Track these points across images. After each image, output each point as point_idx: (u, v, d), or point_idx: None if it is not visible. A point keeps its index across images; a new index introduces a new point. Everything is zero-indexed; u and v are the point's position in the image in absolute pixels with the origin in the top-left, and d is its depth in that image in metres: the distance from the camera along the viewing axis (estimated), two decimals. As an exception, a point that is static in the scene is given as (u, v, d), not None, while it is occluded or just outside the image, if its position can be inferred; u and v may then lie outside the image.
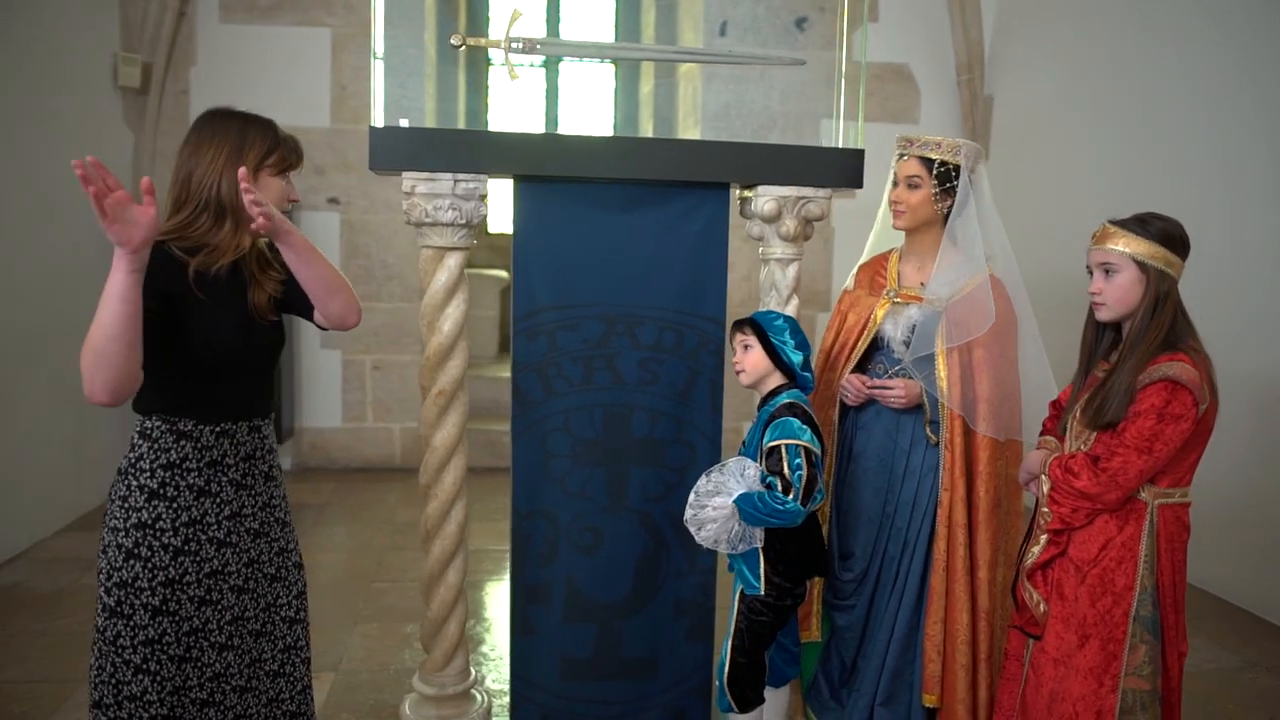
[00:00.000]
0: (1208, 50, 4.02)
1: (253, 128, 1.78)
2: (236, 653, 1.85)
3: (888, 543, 2.38)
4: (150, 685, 1.73)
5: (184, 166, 1.76)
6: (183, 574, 1.74)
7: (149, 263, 1.59)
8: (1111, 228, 1.92)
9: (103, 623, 1.73)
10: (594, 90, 8.14)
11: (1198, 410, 1.81)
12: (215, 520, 1.79)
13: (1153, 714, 1.88)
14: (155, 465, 1.73)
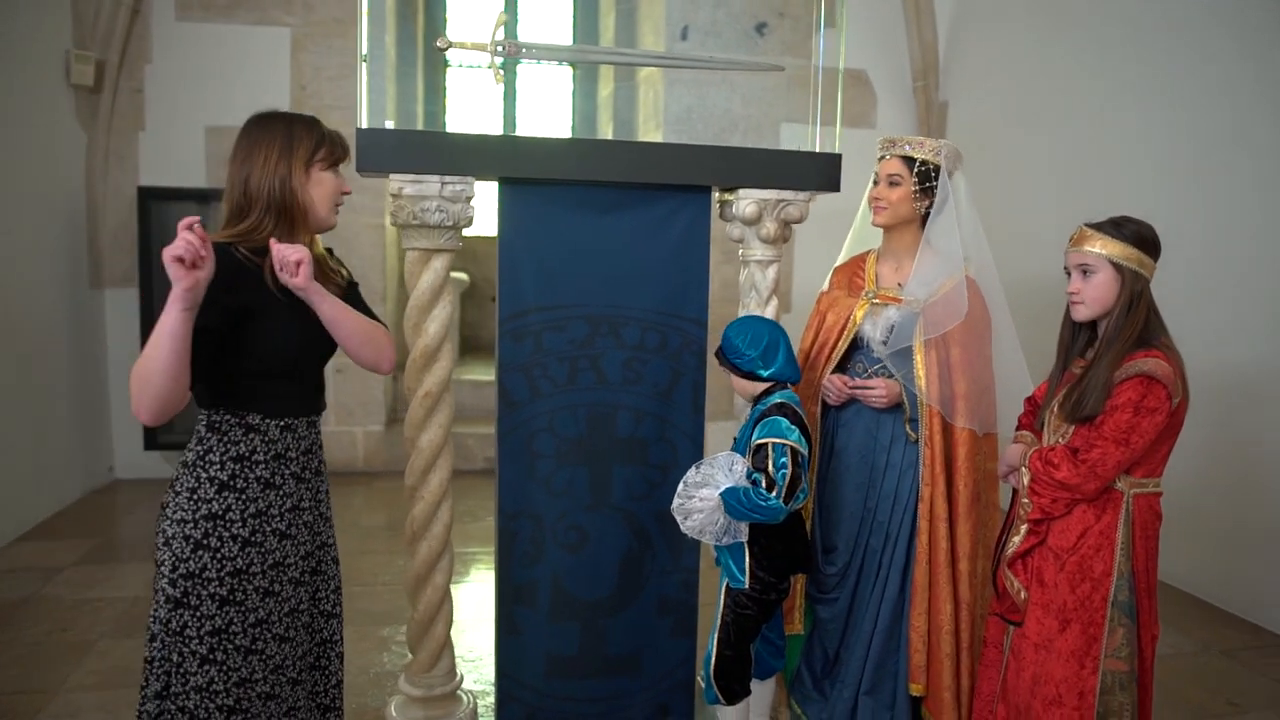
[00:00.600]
0: (1159, 54, 4.19)
1: (298, 125, 1.82)
2: (292, 645, 1.88)
3: (869, 537, 2.44)
4: (217, 675, 1.76)
5: (239, 173, 1.78)
6: (249, 564, 1.78)
7: (219, 273, 1.63)
8: (1088, 231, 2.01)
9: (166, 615, 1.75)
10: (551, 93, 8.15)
11: (1171, 404, 1.90)
12: (278, 512, 1.83)
13: (1130, 693, 1.97)
14: (225, 458, 1.77)
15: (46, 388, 4.66)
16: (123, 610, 3.54)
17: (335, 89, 5.44)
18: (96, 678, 3.00)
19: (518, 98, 8.03)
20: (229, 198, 1.79)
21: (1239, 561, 3.77)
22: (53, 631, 3.35)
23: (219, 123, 5.31)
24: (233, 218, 1.78)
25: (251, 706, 1.80)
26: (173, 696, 1.76)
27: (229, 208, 1.79)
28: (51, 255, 4.77)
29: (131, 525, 4.63)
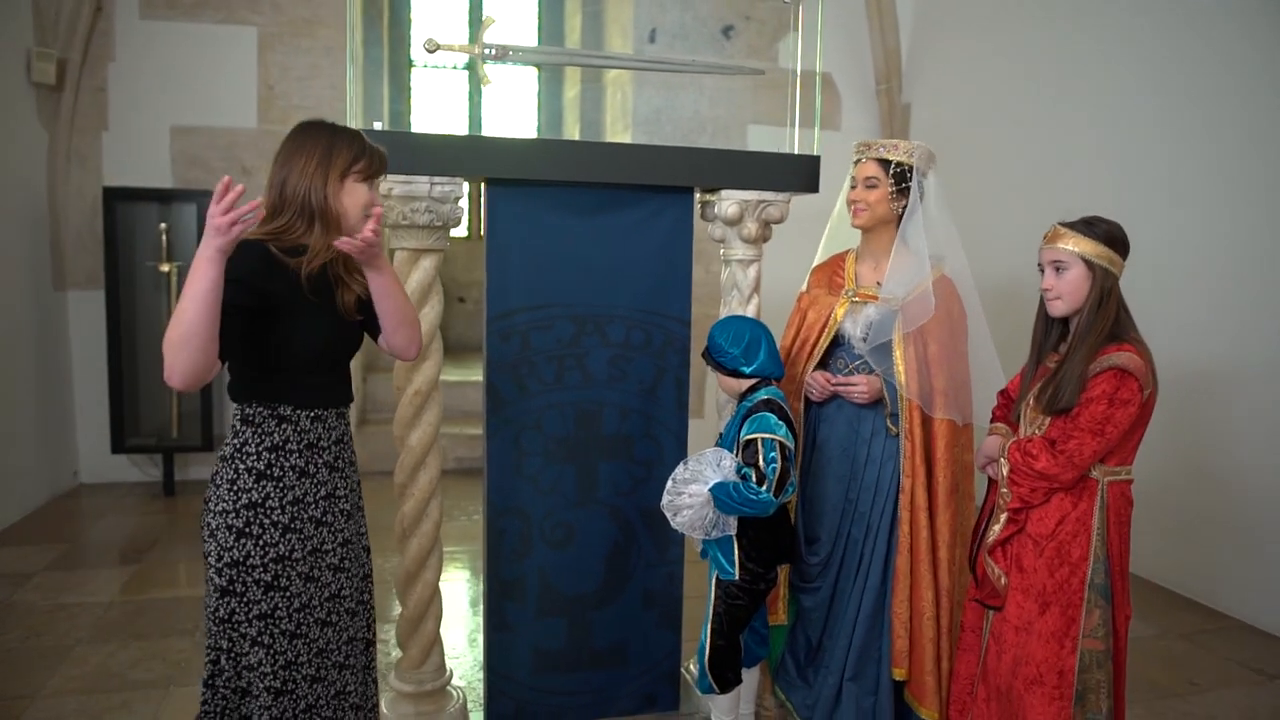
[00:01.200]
0: (1117, 56, 4.34)
1: (340, 138, 1.87)
2: (335, 629, 1.93)
3: (851, 527, 2.51)
4: (265, 657, 1.82)
5: (278, 175, 1.84)
6: (290, 550, 1.83)
7: (251, 260, 1.72)
8: (1062, 229, 2.10)
9: (215, 603, 1.81)
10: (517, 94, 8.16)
11: (1143, 395, 2.00)
12: (314, 500, 1.88)
13: (1106, 671, 2.06)
14: (261, 448, 1.82)
15: (9, 392, 4.57)
16: (98, 616, 3.50)
17: (303, 89, 5.41)
18: (77, 683, 2.97)
19: (484, 99, 8.03)
20: (267, 197, 1.84)
21: (1196, 549, 3.93)
22: (27, 637, 3.30)
23: (184, 123, 5.26)
24: (270, 216, 1.84)
25: (298, 689, 1.86)
26: (225, 680, 1.84)
27: (267, 206, 1.84)
28: (13, 257, 4.68)
29: (100, 530, 4.57)
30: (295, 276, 1.79)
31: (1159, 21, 4.10)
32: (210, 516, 1.83)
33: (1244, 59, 3.71)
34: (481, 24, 2.58)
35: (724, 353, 2.38)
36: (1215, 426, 3.83)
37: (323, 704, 1.91)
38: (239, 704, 1.87)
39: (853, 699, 2.49)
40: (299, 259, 1.80)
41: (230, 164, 5.32)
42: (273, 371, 1.82)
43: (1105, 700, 2.06)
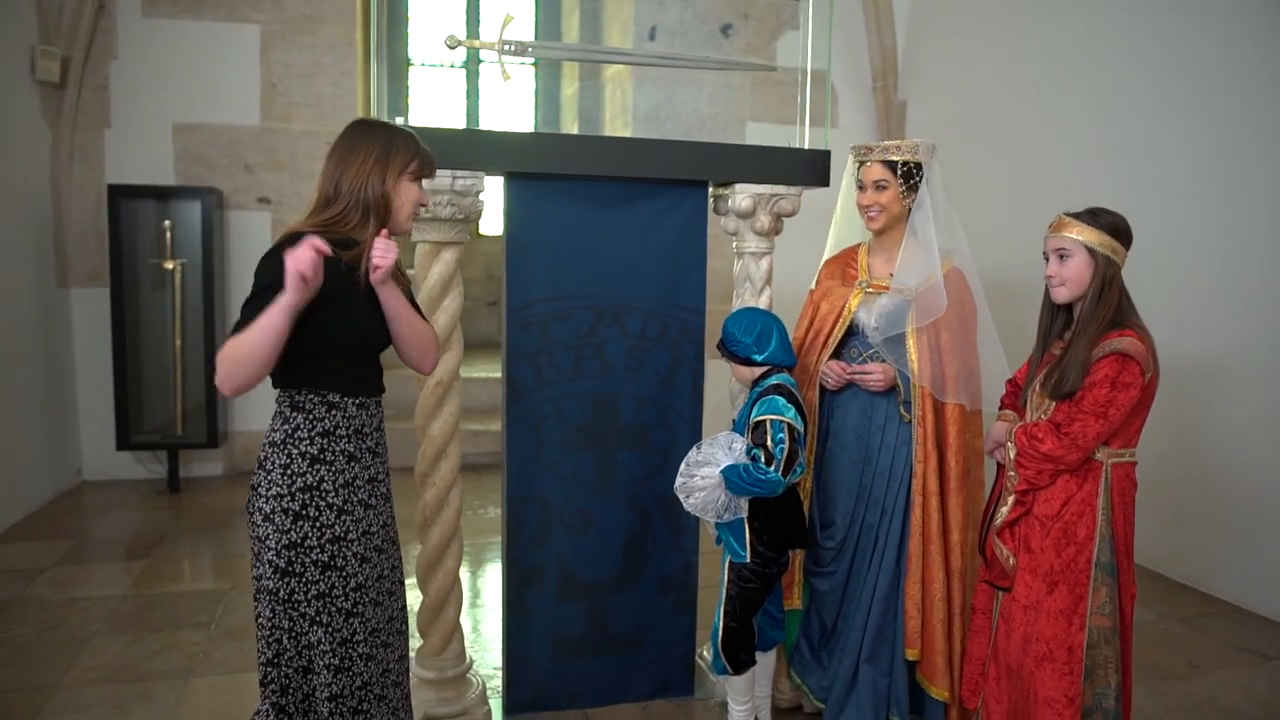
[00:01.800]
0: (1110, 54, 4.42)
1: (398, 137, 1.93)
2: (382, 609, 1.99)
3: (866, 511, 2.57)
4: (324, 635, 1.87)
5: (335, 170, 1.89)
6: (345, 531, 1.89)
7: None
8: (1067, 219, 2.16)
9: (274, 585, 1.86)
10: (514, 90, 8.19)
11: (1144, 379, 2.06)
12: (361, 483, 1.94)
13: (1114, 646, 2.13)
14: (313, 433, 1.87)
15: (15, 389, 4.59)
16: (112, 609, 3.53)
17: (305, 86, 5.43)
18: (96, 673, 3.00)
19: (480, 95, 8.06)
20: (321, 189, 1.90)
21: (1193, 537, 4.01)
22: (44, 630, 3.33)
23: (187, 120, 5.28)
24: (320, 208, 1.89)
25: (354, 666, 1.91)
26: (286, 661, 1.89)
27: (319, 198, 1.90)
28: (17, 254, 4.69)
29: (106, 526, 4.58)
30: (344, 268, 1.84)
31: (1154, 18, 4.18)
32: (262, 501, 1.86)
33: (1241, 55, 3.79)
34: (502, 21, 2.62)
35: (737, 342, 2.43)
36: (1213, 418, 3.91)
37: (374, 681, 1.96)
38: (301, 682, 1.91)
39: (869, 680, 2.55)
40: (348, 251, 1.85)
41: (233, 161, 5.35)
42: (322, 359, 1.87)
43: (1114, 675, 2.13)
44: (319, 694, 1.90)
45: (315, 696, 1.92)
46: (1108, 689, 2.13)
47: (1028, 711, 2.17)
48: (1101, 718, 2.13)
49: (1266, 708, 2.96)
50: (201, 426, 5.14)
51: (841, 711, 2.59)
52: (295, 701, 1.92)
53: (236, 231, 5.40)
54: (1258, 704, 2.98)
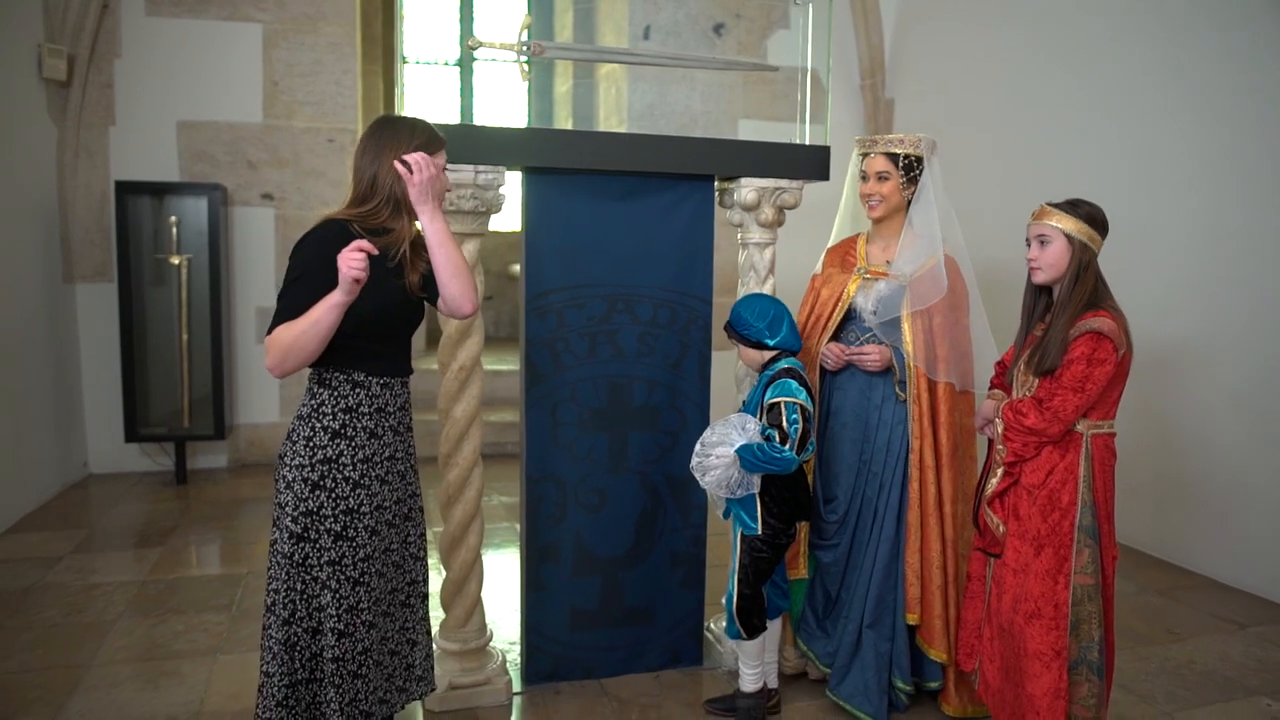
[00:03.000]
0: (1091, 53, 4.60)
1: (419, 130, 2.06)
2: (386, 580, 2.11)
3: (865, 486, 2.73)
4: (332, 600, 2.00)
5: (369, 166, 2.01)
6: (359, 505, 2.01)
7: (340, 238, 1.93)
8: (1048, 208, 2.33)
9: (290, 549, 1.99)
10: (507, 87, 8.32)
11: (1118, 355, 2.23)
12: (380, 460, 2.07)
13: (1096, 603, 2.29)
14: (336, 409, 2.00)
15: (24, 383, 4.67)
16: (134, 593, 3.64)
17: (307, 84, 5.53)
18: (125, 652, 3.11)
19: (474, 92, 8.18)
20: (356, 183, 2.03)
21: (1170, 514, 4.20)
22: (69, 613, 3.43)
23: (190, 117, 5.37)
24: (357, 201, 2.02)
25: (356, 632, 2.03)
26: (298, 621, 2.01)
27: (355, 192, 2.03)
28: (25, 251, 4.76)
29: (117, 517, 4.67)
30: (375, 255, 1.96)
31: (1132, 16, 4.36)
32: (286, 470, 2.00)
33: (1214, 49, 3.97)
34: (521, 23, 2.75)
35: (749, 326, 2.58)
36: (1189, 399, 4.10)
37: (374, 649, 2.09)
38: (310, 642, 2.03)
39: (871, 645, 2.71)
40: (380, 238, 1.98)
41: (236, 158, 5.44)
42: (350, 340, 1.98)
43: (1097, 629, 2.29)
44: (325, 654, 2.02)
45: (321, 657, 2.04)
46: (1092, 642, 2.29)
47: (1019, 666, 2.33)
48: (1087, 669, 2.30)
49: (1241, 669, 3.15)
50: (207, 419, 5.24)
51: (846, 675, 2.75)
52: (302, 660, 2.04)
53: (240, 227, 5.50)
54: (1233, 666, 3.17)
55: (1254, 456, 3.80)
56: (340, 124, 5.62)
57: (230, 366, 5.47)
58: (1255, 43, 3.78)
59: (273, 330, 1.93)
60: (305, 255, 1.96)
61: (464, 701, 2.75)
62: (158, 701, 2.79)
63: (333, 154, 5.60)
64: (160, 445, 5.38)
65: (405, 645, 2.21)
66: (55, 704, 2.75)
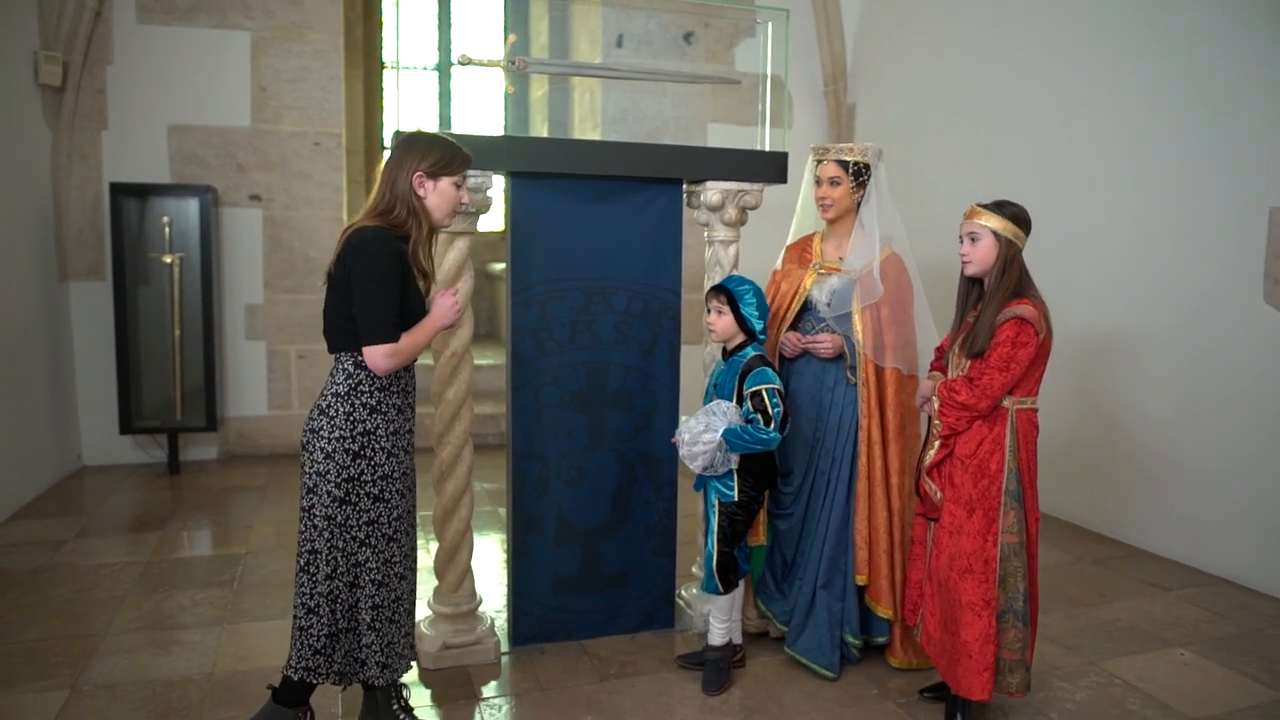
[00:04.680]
0: (1039, 62, 4.94)
1: (437, 146, 2.32)
2: (409, 537, 2.40)
3: (819, 460, 3.02)
4: (370, 555, 2.27)
5: (390, 176, 2.28)
6: (393, 471, 2.30)
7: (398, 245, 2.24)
8: (977, 208, 2.63)
9: (332, 511, 2.25)
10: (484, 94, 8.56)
11: (1039, 338, 2.53)
12: (403, 432, 2.35)
13: (1021, 559, 2.60)
14: (373, 388, 2.28)
15: (22, 377, 4.85)
16: (139, 572, 3.86)
17: (294, 90, 5.75)
18: (138, 623, 3.34)
19: (453, 98, 8.41)
20: (380, 192, 2.28)
21: (1104, 490, 4.55)
22: (80, 590, 3.65)
23: (181, 122, 5.57)
24: (383, 211, 2.27)
25: (390, 582, 2.32)
26: (339, 575, 2.27)
27: (379, 200, 2.28)
28: (21, 250, 4.95)
29: (115, 505, 4.87)
30: (405, 257, 2.26)
31: (1070, 33, 4.70)
32: (324, 442, 2.25)
33: (1149, 65, 4.31)
34: (507, 41, 3.01)
35: (750, 305, 2.81)
36: (1123, 384, 4.44)
37: (404, 597, 2.37)
38: (348, 595, 2.30)
39: (824, 604, 3.00)
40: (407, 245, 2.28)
41: (225, 161, 5.65)
42: None
43: (1022, 582, 2.60)
44: (362, 604, 2.29)
45: (359, 606, 2.30)
46: (1017, 593, 2.59)
47: (954, 616, 2.63)
48: (1013, 617, 2.60)
49: (1160, 625, 3.48)
50: (199, 411, 5.45)
51: (802, 633, 3.04)
52: (342, 611, 2.30)
53: (229, 227, 5.71)
54: (1154, 623, 3.50)
55: (1182, 437, 4.14)
56: (325, 128, 5.84)
57: (221, 361, 5.68)
58: (1185, 56, 4.12)
59: (398, 337, 2.21)
60: (388, 268, 2.19)
61: (456, 660, 3.01)
62: (172, 665, 3.02)
63: (318, 157, 5.83)
64: (153, 437, 5.58)
65: (414, 604, 2.50)
66: (77, 668, 2.98)
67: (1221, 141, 3.95)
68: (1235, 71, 3.88)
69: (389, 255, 2.20)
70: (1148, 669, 3.11)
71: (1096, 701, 2.89)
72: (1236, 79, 3.88)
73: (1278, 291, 3.74)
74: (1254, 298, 3.82)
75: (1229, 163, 3.92)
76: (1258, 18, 3.78)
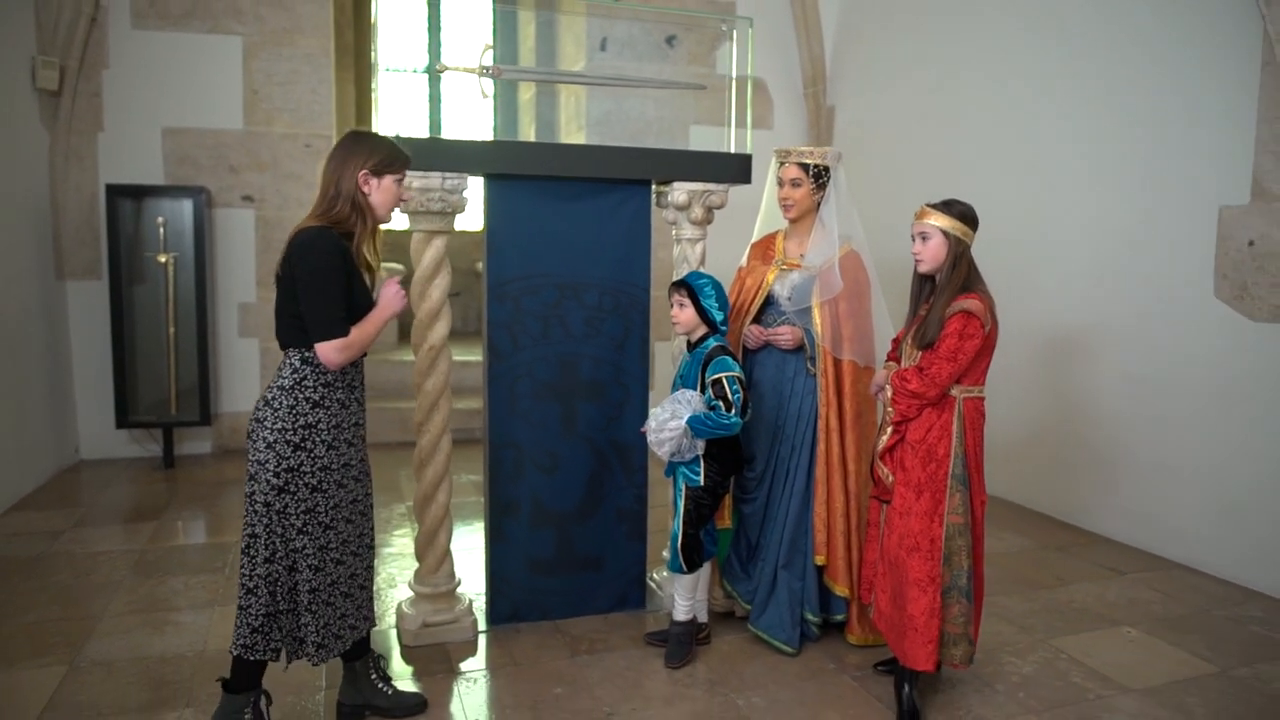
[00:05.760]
0: (1006, 67, 5.10)
1: (381, 145, 2.42)
2: (354, 526, 2.51)
3: (780, 447, 3.18)
4: (307, 543, 2.36)
5: (334, 174, 2.37)
6: (332, 463, 2.39)
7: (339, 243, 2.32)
8: (927, 208, 2.78)
9: (271, 499, 2.32)
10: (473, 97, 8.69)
11: (984, 331, 2.69)
12: (347, 425, 2.44)
13: (965, 539, 2.75)
14: (317, 383, 2.36)
15: (21, 373, 5.00)
16: (135, 559, 4.01)
17: (284, 93, 5.90)
18: (134, 605, 3.50)
19: (442, 101, 8.56)
20: (324, 190, 2.38)
21: (1066, 480, 4.71)
22: (79, 575, 3.80)
23: (175, 124, 5.72)
24: (324, 207, 2.37)
25: (327, 568, 2.41)
26: (277, 560, 2.37)
27: (322, 199, 2.38)
28: (20, 250, 5.10)
29: (111, 497, 5.02)
30: (350, 254, 2.36)
31: (1038, 38, 4.86)
32: (267, 433, 2.32)
33: (1110, 69, 4.47)
34: (482, 48, 3.17)
35: (711, 298, 2.97)
36: (1085, 377, 4.60)
37: (343, 582, 2.48)
38: (287, 579, 2.37)
39: (785, 583, 3.16)
40: (350, 242, 2.37)
41: (218, 163, 5.80)
42: None
43: (966, 560, 2.75)
44: (300, 588, 2.37)
45: (298, 589, 2.38)
46: (961, 570, 2.75)
47: (902, 592, 2.78)
48: (957, 593, 2.76)
49: (1112, 607, 3.63)
50: (193, 406, 5.60)
51: (765, 610, 3.20)
52: (282, 592, 2.37)
53: (222, 227, 5.86)
54: (1106, 605, 3.66)
55: (1140, 428, 4.30)
56: (316, 130, 5.99)
57: (214, 358, 5.83)
58: (1142, 64, 4.28)
59: (347, 331, 2.29)
60: (331, 265, 2.28)
61: (435, 637, 3.17)
62: (165, 644, 3.17)
63: (309, 158, 5.98)
64: (149, 431, 5.73)
65: (368, 584, 2.61)
66: (75, 647, 3.13)
67: (1176, 144, 4.11)
68: (1189, 79, 4.04)
69: (331, 253, 2.27)
70: (1094, 646, 3.27)
71: (1042, 674, 3.05)
72: (1190, 86, 4.04)
73: (1226, 287, 3.90)
74: (1205, 293, 3.98)
75: (1183, 165, 4.08)
76: (1213, 26, 3.94)
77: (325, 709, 2.74)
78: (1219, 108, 3.90)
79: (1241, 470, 3.86)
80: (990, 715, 2.79)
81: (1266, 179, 3.72)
